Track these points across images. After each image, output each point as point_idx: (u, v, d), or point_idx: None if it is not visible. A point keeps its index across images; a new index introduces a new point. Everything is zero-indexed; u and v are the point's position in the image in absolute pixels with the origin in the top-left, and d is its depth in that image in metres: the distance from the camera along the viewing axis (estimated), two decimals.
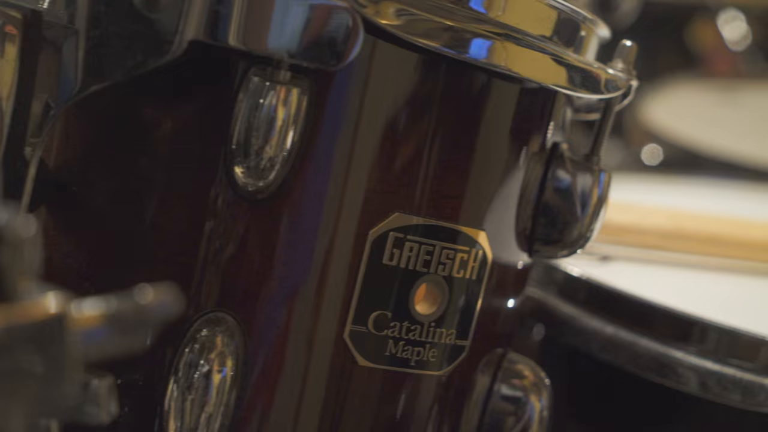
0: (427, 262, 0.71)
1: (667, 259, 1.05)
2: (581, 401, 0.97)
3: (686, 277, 1.04)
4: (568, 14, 0.75)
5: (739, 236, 1.05)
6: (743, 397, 0.84)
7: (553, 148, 0.77)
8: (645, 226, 1.03)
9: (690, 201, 1.31)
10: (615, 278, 0.95)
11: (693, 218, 1.05)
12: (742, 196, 1.39)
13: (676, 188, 1.39)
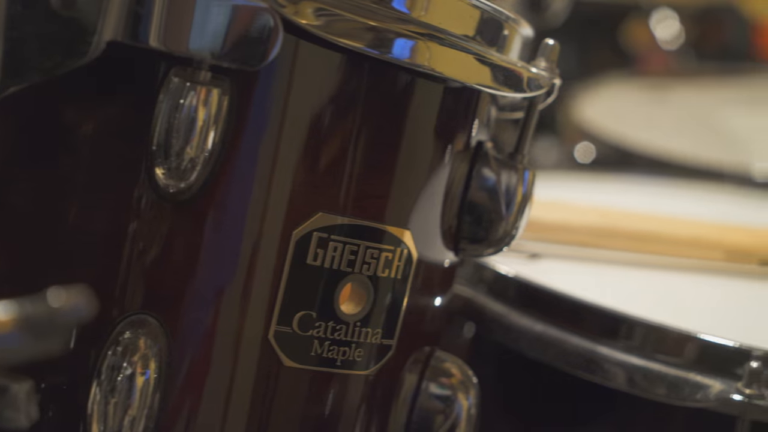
0: (351, 262, 0.71)
1: (596, 257, 1.06)
2: (511, 398, 0.98)
3: (615, 274, 1.04)
4: (491, 14, 0.75)
5: (667, 233, 1.06)
6: (668, 392, 0.85)
7: (477, 146, 0.78)
8: (574, 223, 1.04)
9: (621, 198, 1.32)
10: (544, 276, 0.96)
11: (621, 216, 1.06)
12: (673, 194, 1.41)
13: (608, 186, 1.40)
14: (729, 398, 0.82)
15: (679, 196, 1.40)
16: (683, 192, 1.41)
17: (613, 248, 1.06)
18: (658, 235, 1.05)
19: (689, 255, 1.06)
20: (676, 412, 0.87)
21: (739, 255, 1.06)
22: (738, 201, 1.40)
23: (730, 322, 0.97)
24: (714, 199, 1.40)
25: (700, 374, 0.85)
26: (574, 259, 1.06)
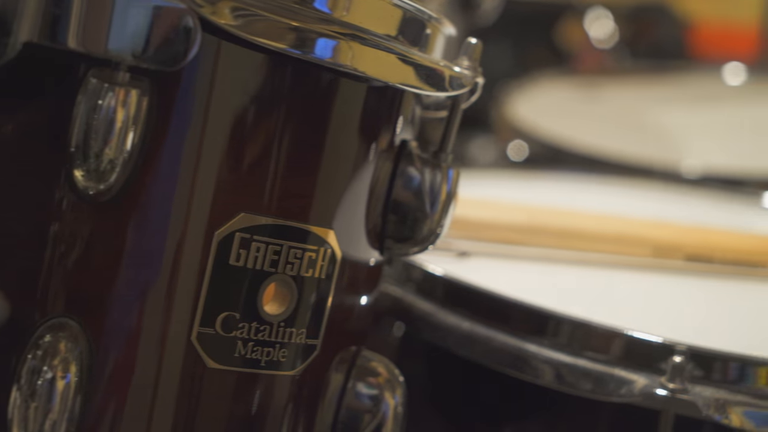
0: (274, 262, 0.70)
1: (524, 254, 1.07)
2: (441, 397, 0.98)
3: (543, 271, 1.05)
4: (413, 13, 0.75)
5: (595, 230, 1.07)
6: (594, 387, 0.86)
7: (401, 145, 0.78)
8: (502, 221, 1.05)
9: (552, 196, 1.33)
10: (472, 274, 0.96)
11: (549, 213, 1.07)
12: (604, 191, 1.42)
13: (540, 183, 1.41)
14: (653, 393, 0.83)
15: (610, 193, 1.41)
16: (614, 189, 1.43)
17: (541, 246, 1.06)
18: (585, 232, 1.06)
19: (616, 251, 1.07)
20: (603, 407, 0.88)
21: (665, 251, 1.07)
22: (667, 198, 1.42)
23: (656, 317, 0.98)
24: (644, 196, 1.41)
25: (626, 370, 0.86)
26: (503, 256, 1.06)
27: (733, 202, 1.40)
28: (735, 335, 0.97)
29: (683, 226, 1.10)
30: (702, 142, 1.88)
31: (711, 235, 1.09)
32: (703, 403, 0.83)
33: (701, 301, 1.04)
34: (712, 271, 1.08)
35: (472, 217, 1.04)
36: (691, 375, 0.85)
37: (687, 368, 0.84)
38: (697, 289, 1.06)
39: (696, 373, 0.85)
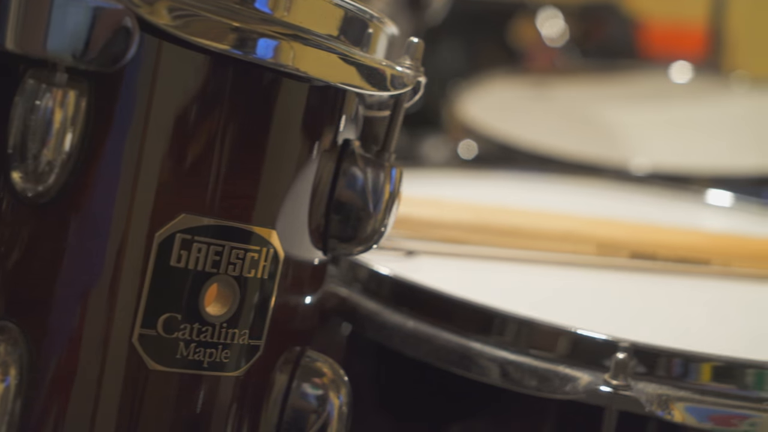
0: (216, 263, 0.70)
1: (471, 253, 1.07)
2: (388, 396, 0.98)
3: (489, 269, 1.05)
4: (355, 13, 0.75)
5: (540, 228, 1.07)
6: (540, 385, 0.86)
7: (344, 145, 0.78)
8: (448, 220, 1.05)
9: (502, 194, 1.33)
10: (418, 273, 0.97)
11: (495, 211, 1.07)
12: (554, 189, 1.42)
13: (490, 182, 1.41)
14: (597, 390, 0.84)
15: (559, 191, 1.42)
16: (563, 187, 1.43)
17: (488, 244, 1.07)
18: (531, 230, 1.06)
19: (562, 249, 1.08)
20: (549, 404, 0.89)
21: (610, 248, 1.07)
22: (615, 195, 1.43)
23: (600, 314, 0.99)
24: (592, 194, 1.42)
25: (571, 367, 0.87)
26: (450, 255, 1.06)
27: (678, 200, 1.42)
28: (678, 331, 0.98)
29: (628, 224, 1.10)
30: (650, 140, 1.90)
31: (655, 233, 1.10)
32: (646, 399, 0.84)
33: (645, 298, 1.05)
34: (656, 268, 1.09)
35: (419, 216, 1.05)
36: (634, 371, 0.85)
37: (630, 365, 0.84)
38: (641, 286, 1.07)
39: (639, 370, 0.86)
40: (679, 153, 1.82)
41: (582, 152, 1.68)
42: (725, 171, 1.65)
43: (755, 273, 1.11)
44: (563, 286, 1.05)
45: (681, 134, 1.94)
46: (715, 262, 1.10)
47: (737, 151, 1.83)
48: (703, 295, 1.08)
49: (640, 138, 1.90)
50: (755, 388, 0.87)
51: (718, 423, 0.85)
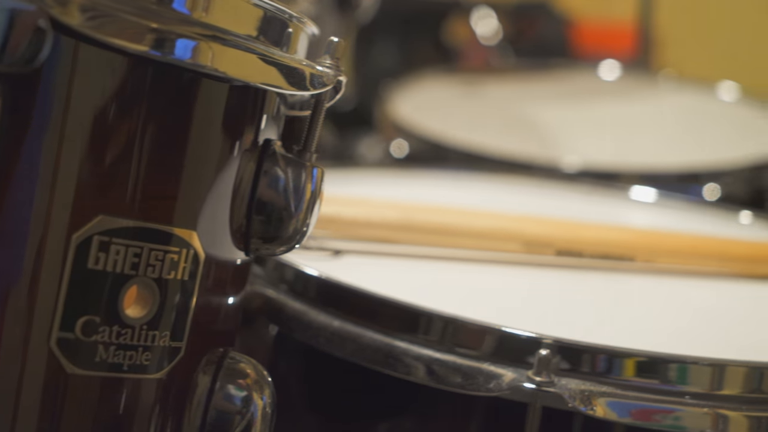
0: (135, 265, 0.70)
1: (397, 252, 1.07)
2: (316, 396, 0.98)
3: (416, 268, 1.06)
4: (274, 13, 0.75)
5: (467, 226, 1.08)
6: (464, 382, 0.87)
7: (265, 145, 0.78)
8: (375, 219, 1.05)
9: (432, 193, 1.34)
10: (345, 273, 0.97)
11: (422, 210, 1.07)
12: (485, 187, 1.43)
13: (421, 181, 1.42)
14: (520, 386, 0.85)
15: (491, 189, 1.43)
16: (495, 185, 1.44)
17: (414, 243, 1.07)
18: (457, 229, 1.07)
19: (488, 247, 1.08)
20: (475, 401, 0.89)
21: (536, 246, 1.08)
22: (546, 193, 1.44)
23: (526, 312, 1.00)
24: (523, 192, 1.43)
25: (495, 364, 0.87)
26: (377, 254, 1.07)
27: (607, 197, 1.43)
28: (603, 327, 0.99)
29: (554, 221, 1.11)
30: (581, 137, 1.91)
31: (581, 230, 1.11)
32: (569, 395, 0.85)
33: (571, 295, 1.06)
34: (582, 265, 1.10)
35: (346, 215, 1.05)
36: (558, 368, 0.86)
37: (553, 361, 0.85)
38: (567, 283, 1.08)
39: (564, 366, 0.87)
40: (609, 150, 1.84)
41: (513, 150, 1.69)
42: (654, 168, 1.67)
43: (679, 269, 1.13)
44: (489, 283, 1.05)
45: (611, 132, 1.96)
46: (640, 258, 1.11)
47: (666, 148, 1.86)
48: (628, 291, 1.09)
49: (571, 136, 1.92)
50: (678, 382, 0.88)
51: (640, 417, 0.86)
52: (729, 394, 0.88)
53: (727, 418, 0.87)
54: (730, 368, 0.88)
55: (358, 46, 2.89)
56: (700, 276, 1.13)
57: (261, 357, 0.96)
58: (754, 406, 0.88)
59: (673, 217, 1.35)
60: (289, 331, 0.94)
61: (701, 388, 0.88)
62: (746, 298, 1.11)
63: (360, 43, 2.88)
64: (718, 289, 1.12)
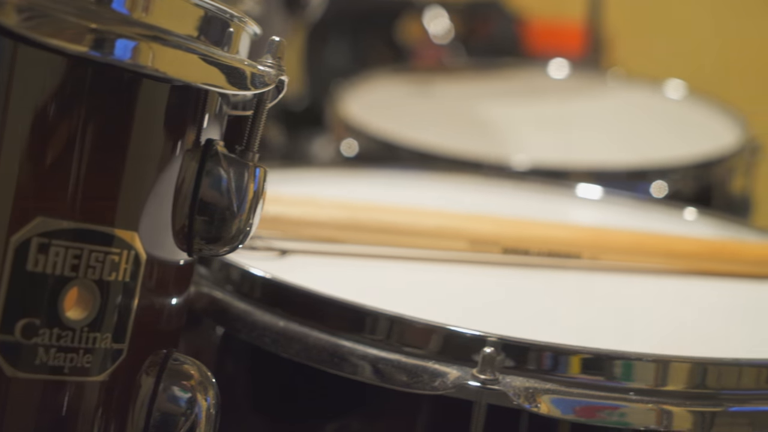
0: (75, 267, 0.69)
1: (344, 251, 1.07)
2: (263, 396, 0.98)
3: (363, 267, 1.06)
4: (215, 12, 0.75)
5: (412, 225, 1.08)
6: (410, 381, 0.87)
7: (207, 145, 0.78)
8: (322, 219, 1.05)
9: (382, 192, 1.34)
10: (291, 273, 0.97)
11: (368, 209, 1.07)
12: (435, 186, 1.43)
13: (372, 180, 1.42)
14: (465, 384, 0.85)
15: (441, 188, 1.43)
16: (445, 184, 1.44)
17: (361, 242, 1.07)
18: (403, 227, 1.07)
19: (434, 246, 1.08)
20: (421, 400, 0.89)
21: (483, 244, 1.08)
22: (495, 191, 1.44)
23: (473, 310, 1.00)
24: (473, 191, 1.43)
25: (441, 363, 0.87)
26: (323, 254, 1.07)
27: (555, 194, 1.43)
28: (548, 325, 0.99)
29: (501, 219, 1.12)
30: (531, 135, 1.92)
31: (528, 228, 1.11)
32: (513, 393, 0.85)
33: (517, 293, 1.07)
34: (529, 262, 1.11)
35: (293, 215, 1.04)
36: (503, 366, 0.86)
37: (498, 359, 0.85)
38: (514, 281, 1.08)
39: (508, 364, 0.87)
40: (559, 148, 1.85)
41: (464, 149, 1.69)
42: (602, 166, 1.68)
43: (624, 266, 1.14)
44: (436, 282, 1.05)
45: (561, 130, 1.97)
46: (586, 256, 1.12)
47: (614, 146, 1.87)
48: (574, 289, 1.10)
49: (521, 134, 1.93)
50: (623, 378, 0.88)
51: (584, 414, 0.86)
52: (673, 390, 0.89)
53: (671, 413, 0.88)
54: (673, 364, 0.89)
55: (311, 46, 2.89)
56: (645, 273, 1.14)
57: (208, 358, 0.96)
58: (698, 401, 0.89)
59: (620, 215, 1.35)
60: (235, 332, 0.94)
61: (646, 384, 0.88)
62: (689, 294, 1.12)
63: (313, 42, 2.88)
64: (662, 285, 1.13)
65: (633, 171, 1.67)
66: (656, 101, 2.11)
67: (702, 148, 1.76)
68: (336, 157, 1.80)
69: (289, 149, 2.73)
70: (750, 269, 1.15)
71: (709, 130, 1.92)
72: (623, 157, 1.73)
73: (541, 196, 1.43)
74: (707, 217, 1.35)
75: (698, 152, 1.74)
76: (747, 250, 1.17)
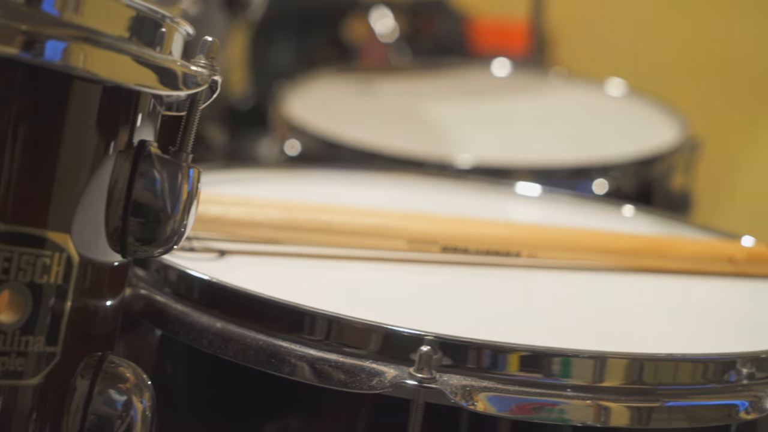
0: (5, 270, 0.69)
1: (282, 252, 1.07)
2: (202, 398, 0.98)
3: (301, 268, 1.06)
4: (147, 13, 0.75)
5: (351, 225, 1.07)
6: (348, 381, 0.87)
7: (140, 146, 0.77)
8: (260, 219, 1.05)
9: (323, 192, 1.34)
10: (229, 274, 0.97)
11: (306, 209, 1.07)
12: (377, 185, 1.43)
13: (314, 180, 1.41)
14: (402, 383, 0.85)
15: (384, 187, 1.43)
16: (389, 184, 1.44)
17: (300, 242, 1.07)
18: (342, 227, 1.07)
19: (373, 245, 1.08)
20: (360, 400, 0.90)
21: (421, 243, 1.09)
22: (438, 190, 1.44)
23: (411, 309, 1.00)
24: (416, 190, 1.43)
25: (379, 362, 0.88)
26: (262, 255, 1.07)
27: (497, 193, 1.44)
28: (487, 323, 1.00)
29: (440, 218, 1.12)
30: (475, 134, 1.93)
31: (467, 226, 1.12)
32: (450, 391, 0.85)
33: (456, 292, 1.07)
34: (468, 261, 1.11)
35: (231, 215, 1.04)
36: (440, 364, 0.87)
37: (435, 358, 0.86)
38: (453, 280, 1.09)
39: (446, 362, 0.87)
40: (502, 147, 1.86)
41: (408, 148, 1.70)
42: (545, 164, 1.69)
43: (562, 263, 1.14)
44: (374, 282, 1.06)
45: (504, 129, 1.98)
46: (525, 254, 1.12)
47: (557, 144, 1.88)
48: (513, 287, 1.10)
49: (465, 133, 1.93)
50: (561, 375, 0.89)
51: (521, 411, 0.87)
52: (611, 386, 0.90)
53: (608, 409, 0.89)
54: (611, 360, 0.90)
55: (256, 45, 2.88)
56: (584, 269, 1.14)
57: (147, 360, 0.96)
58: (635, 397, 0.90)
59: (560, 212, 1.36)
60: (173, 334, 0.94)
61: (583, 381, 0.89)
62: (627, 291, 1.13)
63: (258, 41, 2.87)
64: (599, 282, 1.13)
65: (575, 169, 1.69)
66: (598, 100, 2.13)
67: (643, 146, 1.78)
68: (280, 158, 1.79)
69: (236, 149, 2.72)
70: (686, 265, 1.17)
71: (650, 128, 1.94)
72: (566, 155, 1.74)
73: (483, 194, 1.43)
74: (646, 214, 1.36)
75: (639, 150, 1.76)
76: (683, 247, 1.18)
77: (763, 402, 0.91)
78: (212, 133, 1.62)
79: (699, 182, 1.87)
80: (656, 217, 1.35)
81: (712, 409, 0.91)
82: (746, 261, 1.18)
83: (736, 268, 1.17)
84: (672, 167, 1.80)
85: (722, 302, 1.14)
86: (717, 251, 1.18)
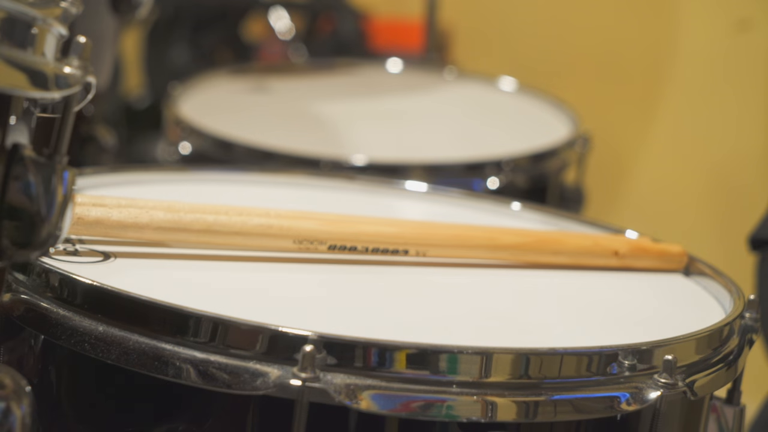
0: None
1: (168, 254, 1.06)
2: (87, 403, 0.97)
3: (187, 269, 1.05)
4: (18, 14, 0.73)
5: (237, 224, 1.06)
6: (233, 382, 0.87)
7: (13, 149, 0.76)
8: (144, 221, 1.03)
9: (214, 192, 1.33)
10: (113, 277, 0.96)
11: (192, 210, 1.06)
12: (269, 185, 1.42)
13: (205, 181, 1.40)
14: (286, 383, 0.85)
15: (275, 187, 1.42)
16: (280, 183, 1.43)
17: (185, 243, 1.06)
18: (228, 228, 1.06)
19: (260, 245, 1.08)
20: (246, 401, 0.89)
21: (308, 242, 1.08)
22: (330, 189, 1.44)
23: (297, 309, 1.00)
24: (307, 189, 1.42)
25: (264, 363, 0.87)
26: (148, 257, 1.05)
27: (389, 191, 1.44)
28: (375, 321, 1.00)
29: (327, 217, 1.11)
30: (369, 132, 1.93)
31: (354, 225, 1.11)
32: (334, 390, 0.85)
33: (343, 291, 1.07)
34: (356, 260, 1.11)
35: (115, 217, 1.03)
36: (324, 363, 0.87)
37: (318, 357, 0.86)
38: (340, 279, 1.09)
39: (331, 362, 0.87)
40: (396, 145, 1.87)
41: (302, 147, 1.70)
42: (439, 161, 1.70)
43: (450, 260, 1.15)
44: (260, 282, 1.05)
45: (398, 126, 1.99)
46: (413, 251, 1.12)
47: (451, 142, 1.90)
48: (401, 284, 1.11)
49: (359, 131, 1.94)
50: (448, 372, 0.89)
51: (405, 409, 0.87)
52: (497, 381, 0.90)
53: (495, 404, 0.90)
54: (497, 356, 0.91)
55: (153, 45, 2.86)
56: (471, 266, 1.15)
57: (30, 366, 0.94)
58: (522, 392, 0.91)
59: (450, 209, 1.37)
60: (56, 338, 0.92)
61: (470, 377, 0.90)
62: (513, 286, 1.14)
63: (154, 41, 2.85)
64: (486, 278, 1.14)
65: (468, 165, 1.70)
66: (491, 97, 2.15)
67: (536, 142, 1.80)
68: (173, 158, 1.78)
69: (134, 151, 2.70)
70: (573, 260, 1.18)
71: (542, 124, 1.96)
72: (460, 152, 1.76)
73: (376, 193, 1.43)
74: (535, 210, 1.37)
75: (532, 146, 1.78)
76: (569, 242, 1.19)
77: (644, 393, 0.93)
78: (102, 133, 1.60)
79: (592, 177, 1.89)
80: (546, 213, 1.36)
81: (596, 401, 0.93)
82: (631, 254, 1.19)
83: (621, 261, 1.19)
84: (565, 163, 1.82)
85: (607, 296, 1.15)
86: (602, 245, 1.20)
